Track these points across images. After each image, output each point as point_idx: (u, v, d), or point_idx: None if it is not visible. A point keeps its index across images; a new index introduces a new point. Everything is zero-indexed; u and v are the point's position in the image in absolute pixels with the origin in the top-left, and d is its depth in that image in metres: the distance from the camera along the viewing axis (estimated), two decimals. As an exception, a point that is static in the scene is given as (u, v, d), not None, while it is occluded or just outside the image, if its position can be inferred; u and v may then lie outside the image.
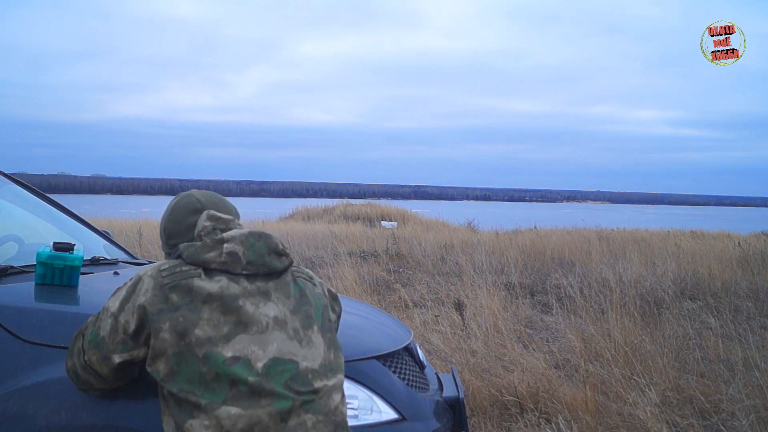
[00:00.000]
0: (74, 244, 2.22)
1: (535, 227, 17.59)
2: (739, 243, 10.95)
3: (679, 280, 7.80)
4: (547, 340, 5.54)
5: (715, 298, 6.91)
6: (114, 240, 3.35)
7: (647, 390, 3.82)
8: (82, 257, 2.21)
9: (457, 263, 9.38)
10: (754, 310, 6.17)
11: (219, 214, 1.70)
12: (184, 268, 1.58)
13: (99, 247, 3.05)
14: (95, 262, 2.68)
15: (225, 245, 1.60)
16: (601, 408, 3.77)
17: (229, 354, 1.49)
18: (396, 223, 21.62)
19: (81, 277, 2.21)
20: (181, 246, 1.63)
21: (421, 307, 6.62)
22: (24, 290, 2.12)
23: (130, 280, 1.62)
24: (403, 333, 2.65)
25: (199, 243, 1.62)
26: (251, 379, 1.48)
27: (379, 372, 2.12)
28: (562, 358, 4.91)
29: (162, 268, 1.59)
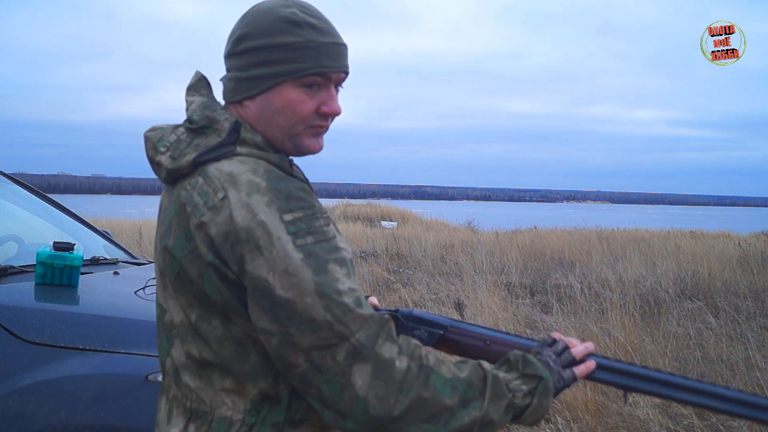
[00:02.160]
0: (74, 244, 2.23)
1: (535, 227, 17.57)
2: (739, 243, 10.94)
3: (679, 280, 7.79)
4: (547, 340, 5.54)
5: (715, 297, 6.90)
6: (114, 240, 3.35)
7: (647, 390, 3.82)
8: (82, 257, 2.21)
9: (457, 263, 9.38)
10: (754, 309, 6.16)
11: None
12: None
13: (99, 247, 3.05)
14: (95, 262, 2.68)
15: None
16: (601, 408, 3.76)
17: None
18: (396, 223, 21.60)
19: (81, 277, 2.21)
20: None
21: (421, 307, 6.62)
22: (24, 290, 2.12)
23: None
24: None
25: None
26: None
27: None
28: (562, 358, 4.91)
29: None
